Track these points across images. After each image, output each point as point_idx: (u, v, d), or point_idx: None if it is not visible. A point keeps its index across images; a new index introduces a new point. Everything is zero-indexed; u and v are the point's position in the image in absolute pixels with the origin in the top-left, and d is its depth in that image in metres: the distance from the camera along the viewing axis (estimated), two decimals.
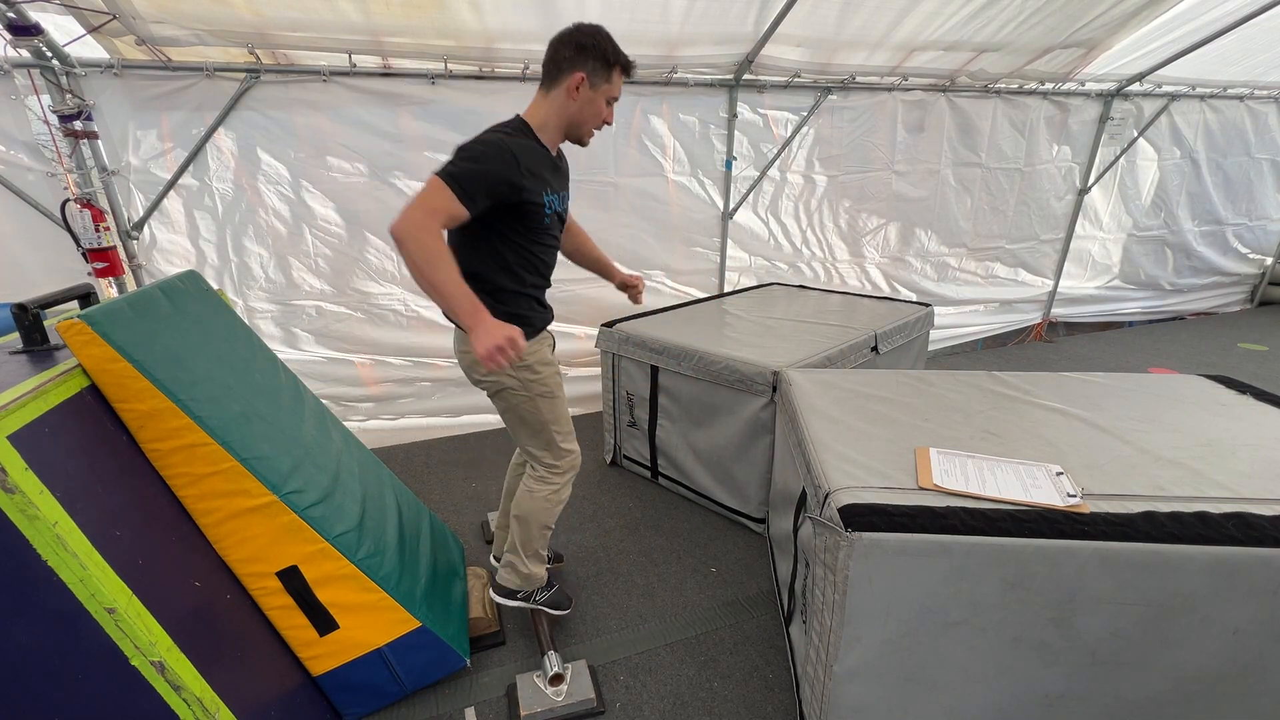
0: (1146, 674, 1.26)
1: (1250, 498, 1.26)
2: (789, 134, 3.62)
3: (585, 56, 1.46)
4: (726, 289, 3.81)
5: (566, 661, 1.77)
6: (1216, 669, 1.24)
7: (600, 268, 1.99)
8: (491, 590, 1.89)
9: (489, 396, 1.70)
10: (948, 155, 4.05)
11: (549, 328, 1.75)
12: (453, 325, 1.63)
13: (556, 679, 1.71)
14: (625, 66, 1.51)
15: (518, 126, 1.52)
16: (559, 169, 1.62)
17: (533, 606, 1.87)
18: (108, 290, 2.54)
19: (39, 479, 1.07)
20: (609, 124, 1.58)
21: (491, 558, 2.17)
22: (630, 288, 2.00)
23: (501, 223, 1.48)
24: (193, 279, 1.74)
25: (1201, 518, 1.19)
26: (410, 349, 3.24)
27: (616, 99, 1.55)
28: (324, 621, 1.52)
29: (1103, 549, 1.16)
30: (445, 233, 1.37)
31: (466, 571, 2.08)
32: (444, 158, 1.38)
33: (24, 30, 2.10)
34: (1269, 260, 5.54)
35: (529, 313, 1.62)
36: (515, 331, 1.32)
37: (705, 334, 2.59)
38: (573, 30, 1.48)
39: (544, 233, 1.57)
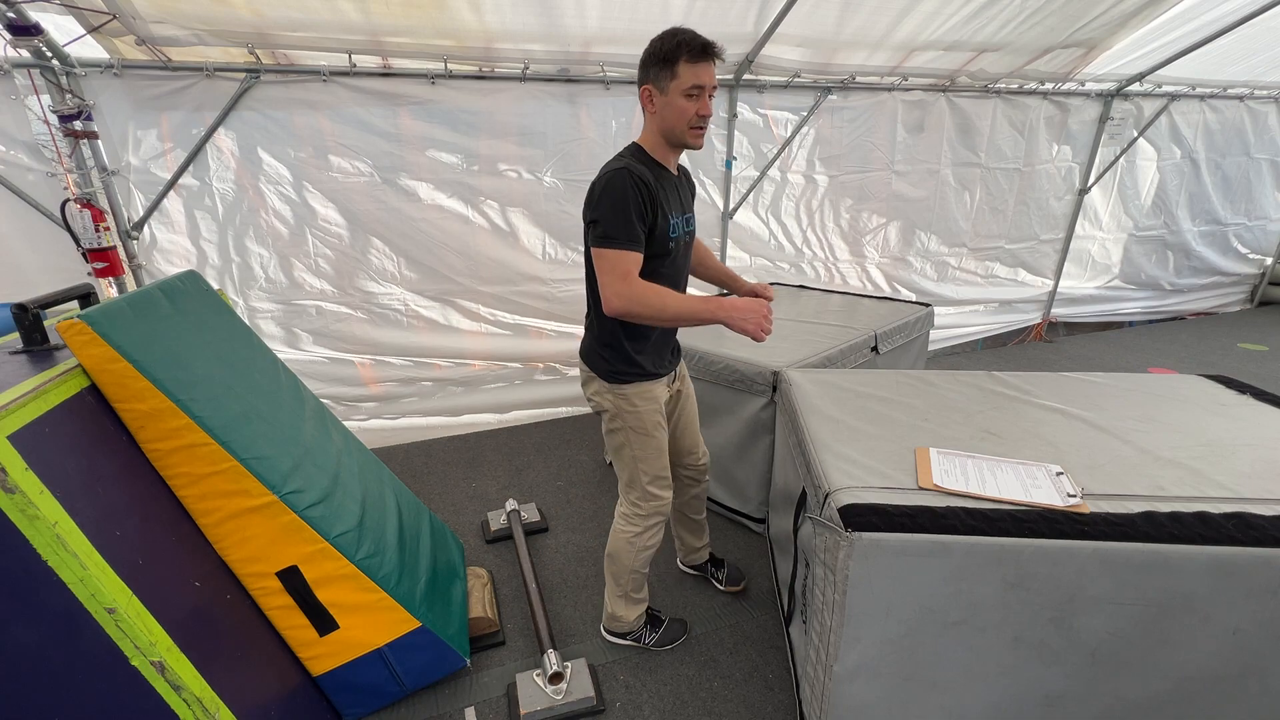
0: (1146, 674, 1.26)
1: (1250, 498, 1.25)
2: (789, 134, 3.62)
3: (646, 67, 1.44)
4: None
5: (566, 660, 1.77)
6: (1216, 669, 1.24)
7: (726, 279, 1.88)
8: (603, 628, 1.92)
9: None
10: (947, 155, 4.05)
11: (676, 369, 1.74)
12: (579, 361, 1.66)
13: (556, 677, 1.71)
14: (693, 50, 1.37)
15: (632, 152, 1.50)
16: (679, 189, 1.57)
17: (643, 647, 1.89)
18: (108, 290, 2.54)
19: (39, 479, 1.07)
20: (706, 115, 1.44)
21: (680, 562, 2.24)
22: (759, 296, 1.75)
23: None
24: (193, 279, 1.74)
25: (1201, 518, 1.19)
26: (411, 349, 3.24)
27: (702, 86, 1.40)
28: (324, 621, 1.52)
29: (1103, 549, 1.16)
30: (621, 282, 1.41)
31: (466, 571, 2.08)
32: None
33: (24, 30, 2.10)
34: (1269, 260, 5.54)
35: (641, 358, 1.58)
36: (760, 301, 1.43)
37: (705, 334, 2.58)
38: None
39: (666, 259, 1.52)
